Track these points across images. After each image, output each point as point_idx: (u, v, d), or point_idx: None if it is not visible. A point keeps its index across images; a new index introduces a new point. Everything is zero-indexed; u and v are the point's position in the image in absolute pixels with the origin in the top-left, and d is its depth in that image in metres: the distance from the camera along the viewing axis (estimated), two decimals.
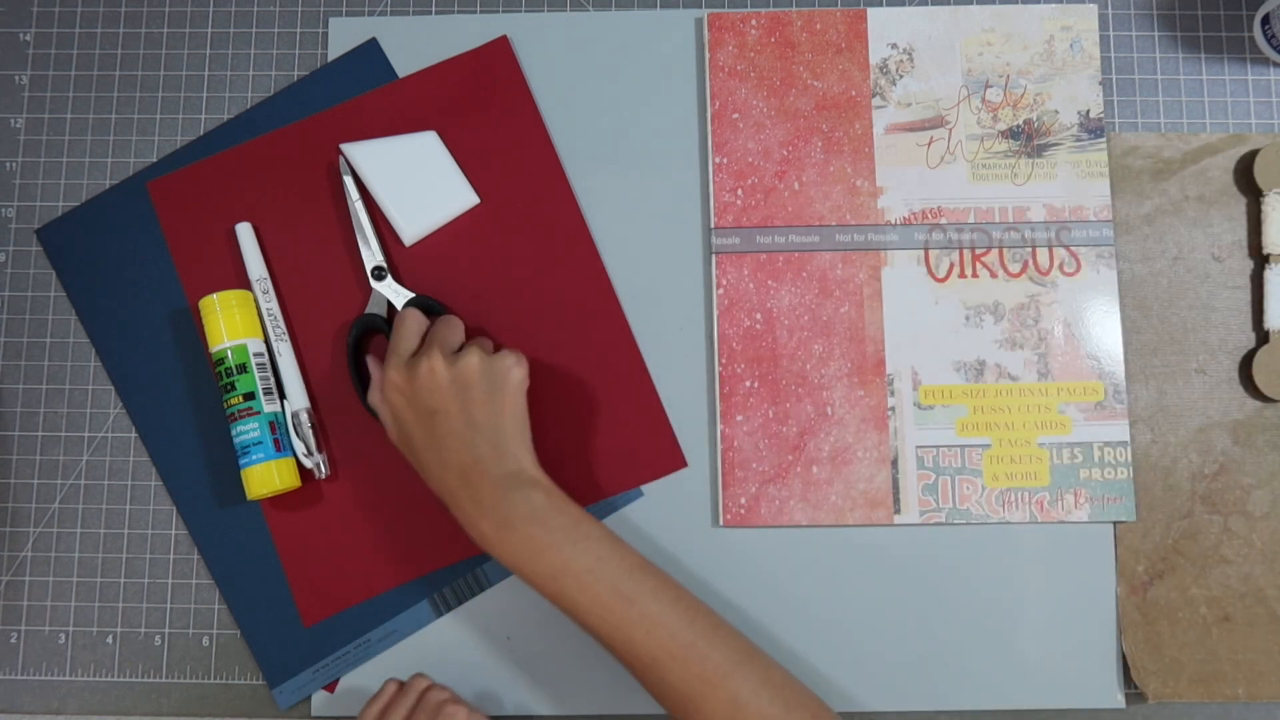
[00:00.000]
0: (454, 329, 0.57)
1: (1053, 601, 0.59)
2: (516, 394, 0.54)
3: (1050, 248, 0.61)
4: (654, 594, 0.50)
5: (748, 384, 0.60)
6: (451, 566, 0.60)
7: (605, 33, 0.64)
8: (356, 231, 0.61)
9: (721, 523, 0.59)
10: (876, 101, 0.63)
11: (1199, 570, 0.59)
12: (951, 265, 0.61)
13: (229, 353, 0.58)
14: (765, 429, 0.60)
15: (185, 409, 0.61)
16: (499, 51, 0.64)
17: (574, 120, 0.64)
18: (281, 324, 0.61)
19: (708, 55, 0.63)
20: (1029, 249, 0.61)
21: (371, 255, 0.61)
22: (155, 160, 0.64)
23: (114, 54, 0.65)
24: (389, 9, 0.65)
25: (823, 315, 0.61)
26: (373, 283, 0.60)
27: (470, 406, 0.52)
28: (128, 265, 0.63)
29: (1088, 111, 0.62)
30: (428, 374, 0.53)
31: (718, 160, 0.62)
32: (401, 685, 0.55)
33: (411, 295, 0.60)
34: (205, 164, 0.63)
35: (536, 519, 0.51)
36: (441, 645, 0.59)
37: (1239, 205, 0.62)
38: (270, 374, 0.60)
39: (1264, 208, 0.61)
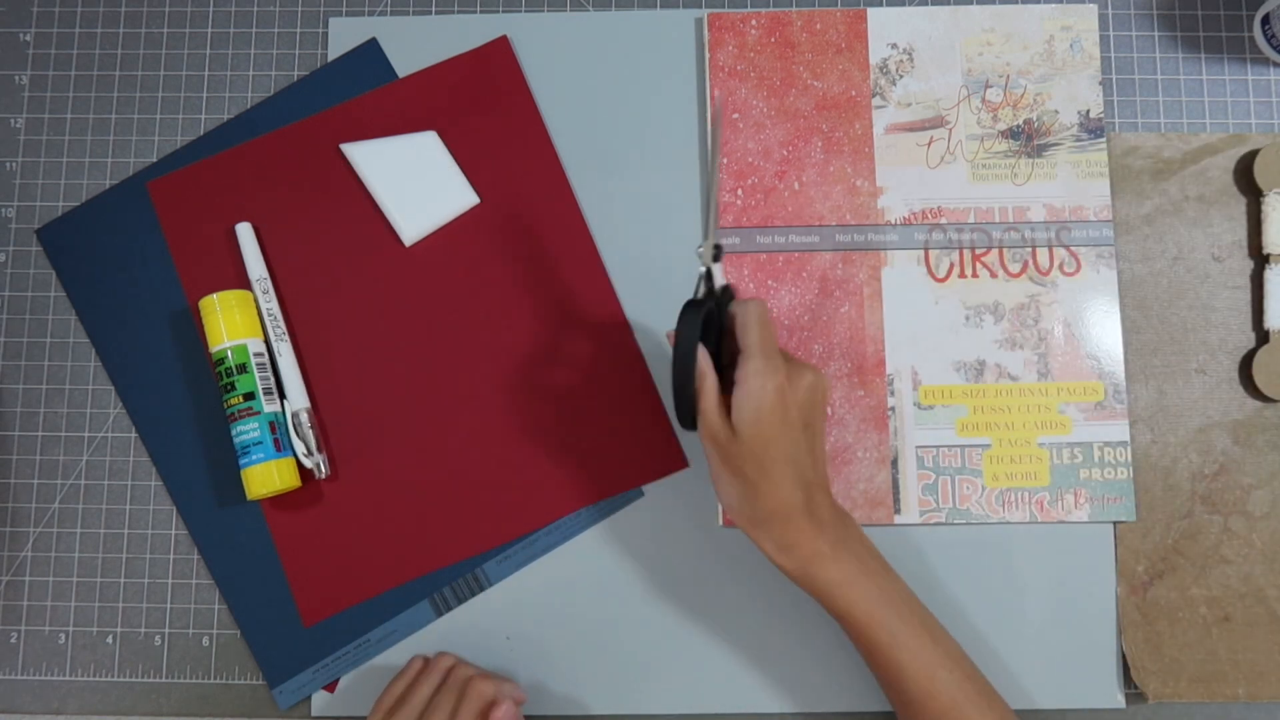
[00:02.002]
0: None
1: (1053, 601, 0.59)
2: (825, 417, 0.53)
3: (1050, 248, 0.61)
4: (947, 634, 0.52)
5: None
6: (451, 566, 0.60)
7: (605, 33, 0.64)
8: (708, 209, 0.51)
9: (721, 523, 0.59)
10: (876, 101, 0.63)
11: (1199, 570, 0.59)
12: (951, 265, 0.61)
13: (229, 353, 0.58)
14: None
15: (185, 409, 0.61)
16: (499, 51, 0.64)
17: (574, 120, 0.64)
18: (281, 324, 0.61)
19: (708, 55, 0.63)
20: (1029, 249, 0.61)
21: (714, 232, 0.51)
22: (155, 160, 0.64)
23: (114, 54, 0.65)
24: (389, 9, 0.65)
25: (823, 315, 0.61)
26: (712, 265, 0.50)
27: (820, 427, 0.51)
28: (128, 265, 0.63)
29: (1088, 111, 0.62)
30: (812, 389, 0.49)
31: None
32: (427, 662, 0.56)
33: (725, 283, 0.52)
34: (205, 164, 0.63)
35: (863, 542, 0.52)
36: (441, 645, 0.59)
37: (1239, 205, 0.62)
38: (270, 374, 0.60)
39: (1264, 208, 0.61)
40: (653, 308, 0.62)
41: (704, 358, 0.48)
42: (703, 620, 0.59)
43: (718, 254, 0.50)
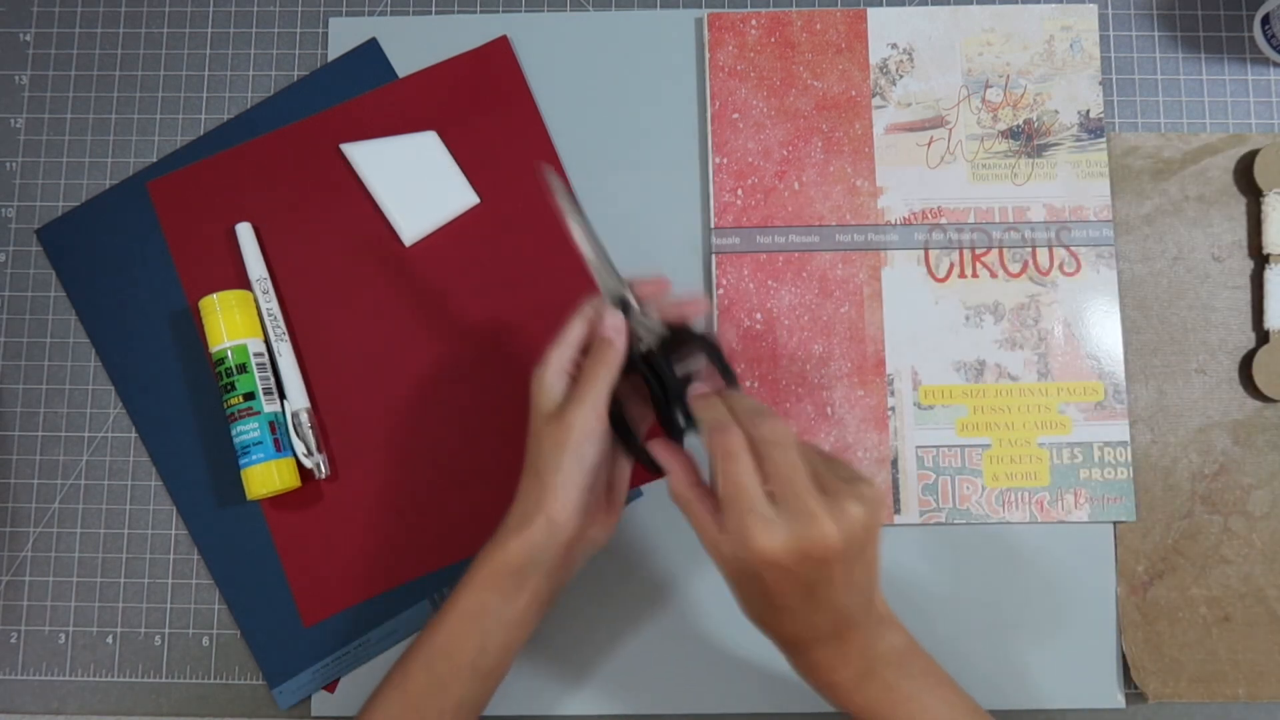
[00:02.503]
0: (808, 453, 0.44)
1: (1053, 601, 0.59)
2: (881, 536, 0.44)
3: (1050, 248, 0.61)
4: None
5: (748, 384, 0.60)
6: (451, 566, 0.60)
7: (605, 33, 0.64)
8: (591, 263, 0.49)
9: None
10: (876, 101, 0.63)
11: (1199, 570, 0.59)
12: (951, 265, 0.61)
13: (229, 353, 0.58)
14: None
15: (185, 409, 0.61)
16: (499, 51, 0.64)
17: (574, 120, 0.64)
18: (281, 324, 0.61)
19: (708, 55, 0.63)
20: (1029, 249, 0.61)
21: (613, 285, 0.49)
22: (155, 160, 0.64)
23: (114, 54, 0.65)
24: (389, 9, 0.65)
25: (823, 315, 0.61)
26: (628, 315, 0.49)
27: (852, 569, 0.42)
28: (128, 265, 0.63)
29: (1088, 111, 0.62)
30: (821, 549, 0.41)
31: (718, 160, 0.62)
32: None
33: (665, 333, 0.48)
34: (205, 164, 0.63)
35: (898, 664, 0.46)
36: None
37: (1239, 205, 0.62)
38: (270, 374, 0.60)
39: (1264, 208, 0.61)
40: None
41: (674, 460, 0.46)
42: (703, 620, 0.59)
43: (624, 305, 0.48)
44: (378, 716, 0.49)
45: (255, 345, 0.59)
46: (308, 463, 0.59)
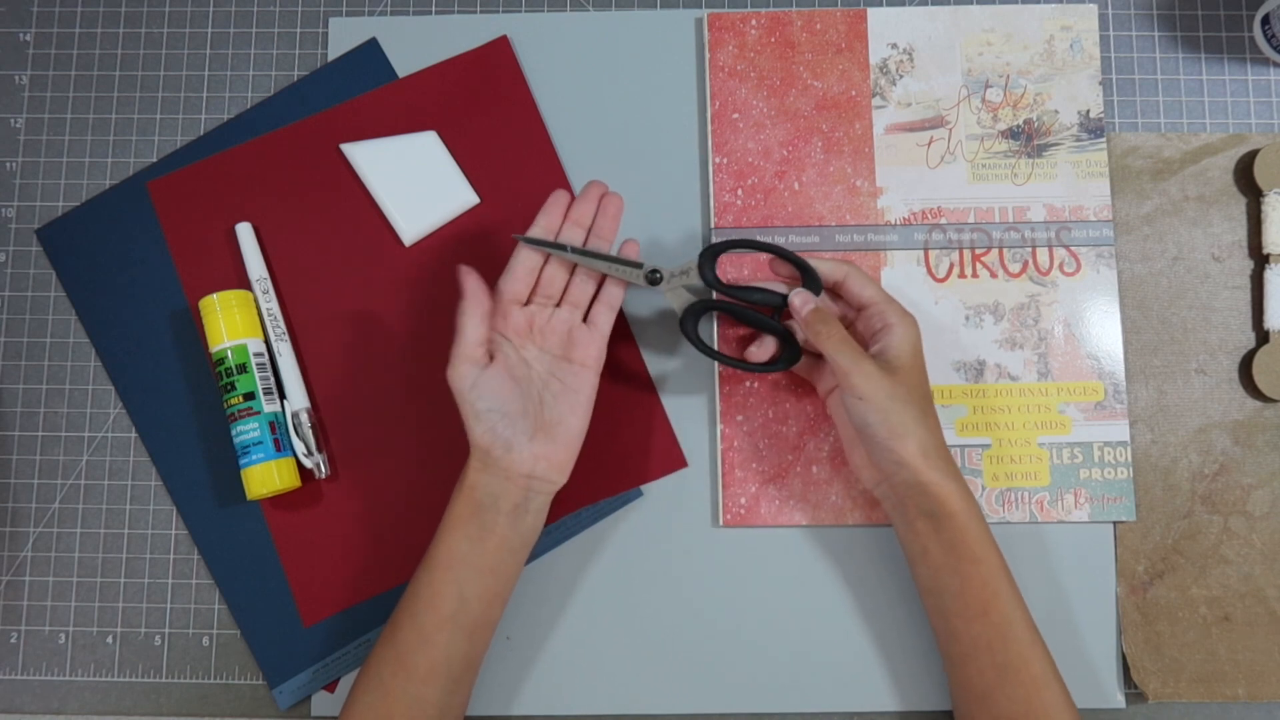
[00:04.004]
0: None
1: (1053, 601, 0.59)
2: None
3: (1050, 248, 0.61)
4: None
5: (748, 384, 0.60)
6: None
7: (605, 33, 0.64)
8: (609, 274, 0.57)
9: (721, 523, 0.59)
10: (876, 101, 0.63)
11: (1199, 570, 0.59)
12: (951, 265, 0.61)
13: (229, 353, 0.58)
14: (765, 429, 0.60)
15: (185, 409, 0.61)
16: (499, 51, 0.64)
17: (574, 120, 0.64)
18: (281, 324, 0.61)
19: (708, 55, 0.63)
20: (1029, 249, 0.61)
21: (633, 272, 0.56)
22: (155, 160, 0.64)
23: (114, 54, 0.65)
24: (389, 9, 0.65)
25: None
26: (658, 288, 0.57)
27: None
28: (128, 265, 0.63)
29: (1088, 111, 0.62)
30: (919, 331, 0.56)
31: (718, 160, 0.62)
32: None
33: (694, 266, 0.57)
34: (205, 164, 0.63)
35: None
36: None
37: (1239, 205, 0.62)
38: (270, 374, 0.60)
39: (1264, 208, 0.61)
40: (651, 306, 0.62)
41: (838, 331, 0.53)
42: (702, 620, 0.59)
43: (654, 278, 0.56)
44: (372, 669, 0.52)
45: (255, 345, 0.59)
46: (308, 463, 0.59)
